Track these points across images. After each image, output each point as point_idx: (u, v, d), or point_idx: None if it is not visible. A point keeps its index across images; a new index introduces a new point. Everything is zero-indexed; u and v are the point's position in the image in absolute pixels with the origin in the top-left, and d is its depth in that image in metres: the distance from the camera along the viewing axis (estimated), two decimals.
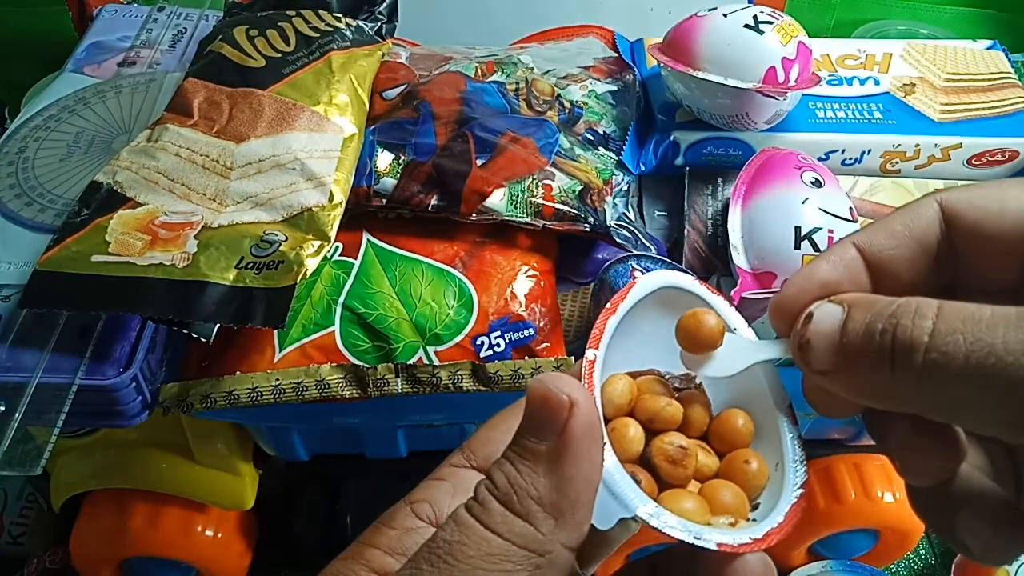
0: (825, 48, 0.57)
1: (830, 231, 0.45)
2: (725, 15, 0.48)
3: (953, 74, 0.56)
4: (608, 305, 0.26)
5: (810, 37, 0.49)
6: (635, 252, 0.46)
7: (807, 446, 0.25)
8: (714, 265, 0.49)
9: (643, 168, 0.52)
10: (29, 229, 0.44)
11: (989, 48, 0.58)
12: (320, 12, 0.53)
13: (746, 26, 0.47)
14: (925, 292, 0.20)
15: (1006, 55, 0.58)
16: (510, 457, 0.22)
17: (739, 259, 0.46)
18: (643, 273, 0.44)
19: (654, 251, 0.48)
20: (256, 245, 0.40)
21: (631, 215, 0.50)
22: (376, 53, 0.53)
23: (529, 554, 0.21)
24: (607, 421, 0.26)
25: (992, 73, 0.56)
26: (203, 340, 0.40)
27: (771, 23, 0.47)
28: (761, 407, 0.26)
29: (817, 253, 0.44)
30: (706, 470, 0.25)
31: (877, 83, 0.55)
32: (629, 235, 0.48)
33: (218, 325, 0.39)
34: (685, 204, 0.50)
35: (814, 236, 0.44)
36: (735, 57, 0.47)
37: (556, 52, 0.59)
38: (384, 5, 0.57)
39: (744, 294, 0.40)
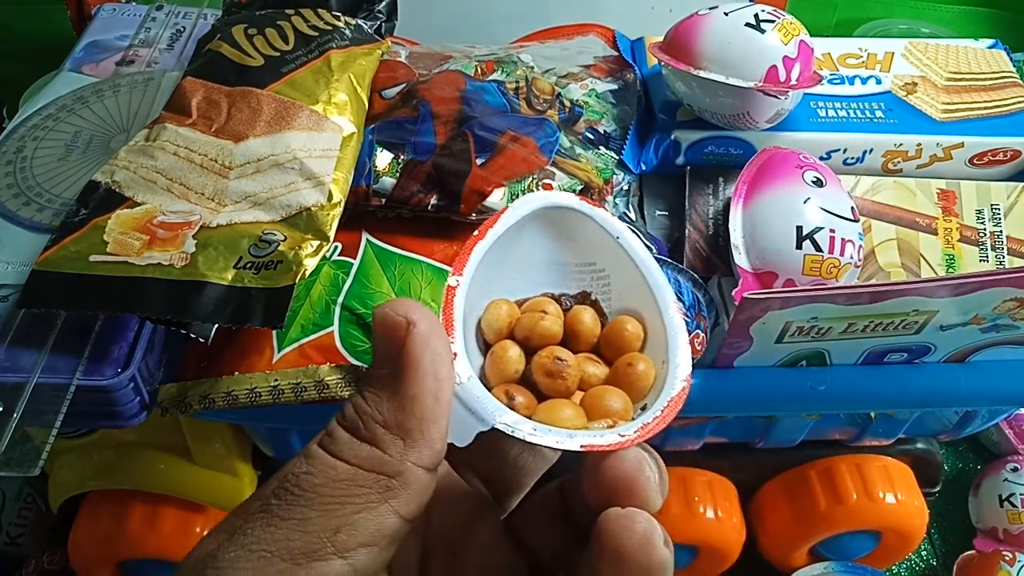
0: (826, 47, 0.57)
1: (832, 231, 0.44)
2: (726, 14, 0.48)
3: (955, 73, 0.55)
4: (476, 232, 0.26)
5: (811, 36, 0.49)
6: None
7: (808, 446, 0.25)
8: (715, 265, 0.48)
9: (644, 167, 0.52)
10: (27, 229, 0.44)
11: (991, 47, 0.58)
12: (319, 11, 0.53)
13: (747, 25, 0.47)
14: None
15: (1008, 54, 0.57)
16: (359, 388, 0.22)
17: (740, 259, 0.46)
18: None
19: (655, 251, 0.48)
20: (255, 245, 0.40)
21: (632, 214, 0.50)
22: (375, 52, 0.53)
23: (378, 476, 0.21)
24: (489, 347, 0.25)
25: (994, 72, 0.56)
26: (201, 340, 0.39)
27: (772, 22, 0.47)
28: (650, 309, 0.26)
29: (818, 252, 0.44)
30: (595, 380, 0.25)
31: (879, 82, 0.55)
32: None
33: (216, 325, 0.39)
34: (686, 204, 0.50)
35: (816, 236, 0.44)
36: (736, 56, 0.47)
37: (556, 51, 0.59)
38: (383, 4, 0.57)
39: (745, 294, 0.40)
